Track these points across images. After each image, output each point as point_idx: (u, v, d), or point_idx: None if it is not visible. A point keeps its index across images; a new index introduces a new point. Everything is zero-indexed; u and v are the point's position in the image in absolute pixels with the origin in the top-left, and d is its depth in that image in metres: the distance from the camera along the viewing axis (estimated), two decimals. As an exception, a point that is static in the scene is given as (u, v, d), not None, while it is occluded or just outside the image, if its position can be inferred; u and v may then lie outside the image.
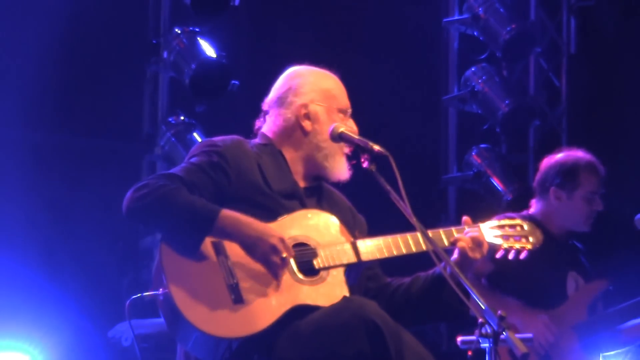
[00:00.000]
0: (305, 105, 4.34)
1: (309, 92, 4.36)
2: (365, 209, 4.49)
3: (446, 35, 8.58)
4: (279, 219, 4.16)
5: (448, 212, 8.43)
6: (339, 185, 4.41)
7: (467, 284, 3.78)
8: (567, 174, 5.86)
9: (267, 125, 4.41)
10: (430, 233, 4.21)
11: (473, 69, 8.41)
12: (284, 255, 4.02)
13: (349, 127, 4.30)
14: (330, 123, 4.31)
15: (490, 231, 4.33)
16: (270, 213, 4.16)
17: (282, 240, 4.03)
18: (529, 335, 5.36)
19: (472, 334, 4.74)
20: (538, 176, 5.98)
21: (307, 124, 4.33)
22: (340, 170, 4.32)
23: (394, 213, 4.08)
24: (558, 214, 5.86)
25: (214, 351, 4.01)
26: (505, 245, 4.35)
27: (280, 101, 4.38)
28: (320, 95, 4.35)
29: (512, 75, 8.65)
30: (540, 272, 5.64)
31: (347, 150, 4.32)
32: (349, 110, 4.37)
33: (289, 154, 4.34)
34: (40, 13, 6.82)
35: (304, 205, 4.25)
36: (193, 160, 4.22)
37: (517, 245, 4.36)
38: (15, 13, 6.83)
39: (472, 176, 8.29)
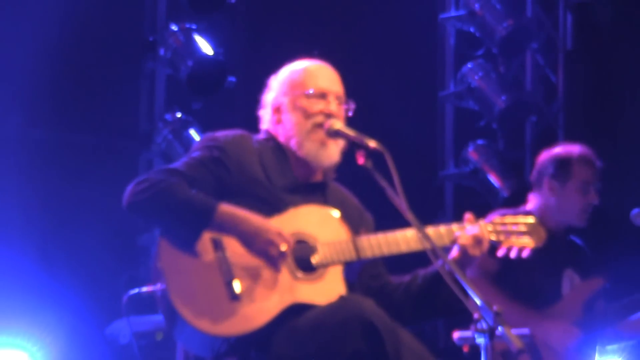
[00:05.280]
0: (273, 103, 4.37)
1: (276, 89, 4.38)
2: (373, 207, 4.48)
3: (442, 32, 8.58)
4: (279, 214, 4.16)
5: (445, 209, 8.43)
6: (348, 183, 4.39)
7: (464, 281, 3.77)
8: (560, 165, 5.85)
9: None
10: (430, 230, 4.21)
11: (469, 65, 8.42)
12: (282, 248, 4.03)
13: (334, 111, 4.25)
14: (296, 111, 4.29)
15: (492, 228, 4.31)
16: (271, 208, 4.16)
17: (280, 233, 4.04)
18: (525, 330, 5.35)
19: (468, 329, 4.77)
20: (534, 169, 5.98)
21: (278, 119, 4.34)
22: (317, 155, 4.27)
23: (397, 211, 4.05)
24: (553, 208, 5.83)
25: (210, 347, 4.02)
26: (507, 243, 4.33)
27: (264, 101, 4.42)
28: (285, 87, 4.35)
29: (508, 72, 8.65)
30: (535, 270, 5.61)
31: (324, 136, 4.24)
32: (328, 94, 4.29)
33: (287, 149, 4.34)
34: (37, 10, 6.81)
35: (306, 201, 4.25)
36: (194, 155, 4.24)
37: (519, 243, 4.34)
38: (12, 10, 6.82)
39: (469, 172, 8.30)
